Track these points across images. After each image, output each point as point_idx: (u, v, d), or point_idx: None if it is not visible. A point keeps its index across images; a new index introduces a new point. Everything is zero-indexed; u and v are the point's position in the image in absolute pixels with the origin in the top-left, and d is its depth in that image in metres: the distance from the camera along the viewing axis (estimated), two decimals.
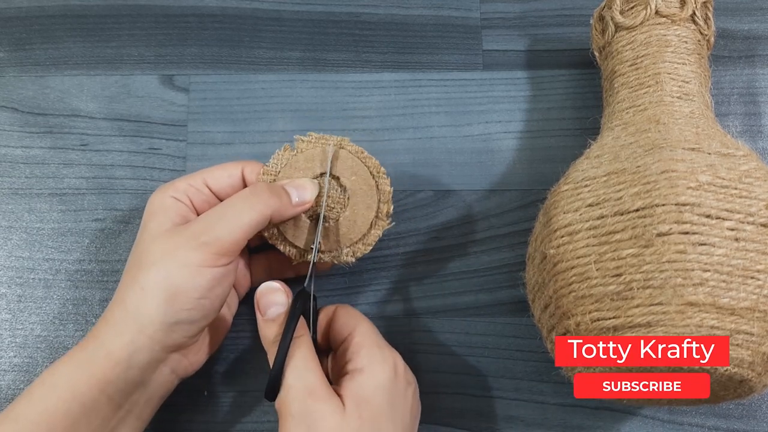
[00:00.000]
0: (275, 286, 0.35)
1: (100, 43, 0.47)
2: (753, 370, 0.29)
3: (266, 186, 0.35)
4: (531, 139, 0.44)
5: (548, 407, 0.40)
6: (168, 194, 0.35)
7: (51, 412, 0.31)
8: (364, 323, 0.36)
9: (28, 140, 0.45)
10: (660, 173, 0.31)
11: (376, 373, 0.33)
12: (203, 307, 0.33)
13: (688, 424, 0.40)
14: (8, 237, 0.43)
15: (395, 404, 0.33)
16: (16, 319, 0.42)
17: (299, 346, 0.33)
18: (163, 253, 0.33)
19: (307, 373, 0.33)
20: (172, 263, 0.32)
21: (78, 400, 0.31)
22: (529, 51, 0.46)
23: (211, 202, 0.37)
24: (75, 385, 0.32)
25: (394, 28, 0.47)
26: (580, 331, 0.31)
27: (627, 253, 0.30)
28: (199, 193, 0.36)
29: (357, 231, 0.37)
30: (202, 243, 0.32)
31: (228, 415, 0.40)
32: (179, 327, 0.33)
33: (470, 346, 0.41)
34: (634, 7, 0.39)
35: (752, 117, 0.45)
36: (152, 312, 0.32)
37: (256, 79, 0.46)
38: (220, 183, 0.37)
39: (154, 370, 0.34)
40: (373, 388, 0.33)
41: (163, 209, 0.35)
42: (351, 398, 0.32)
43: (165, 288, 0.32)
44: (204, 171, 0.37)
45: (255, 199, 0.34)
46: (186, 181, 0.36)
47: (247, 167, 0.37)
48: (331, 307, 0.37)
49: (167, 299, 0.32)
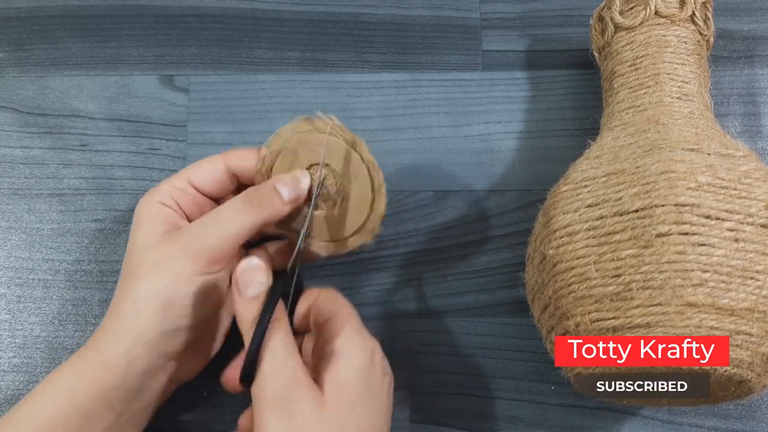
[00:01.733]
0: (256, 264, 0.33)
1: (99, 44, 0.47)
2: (752, 371, 0.29)
3: (256, 191, 0.35)
4: (531, 139, 0.44)
5: (548, 407, 0.40)
6: (154, 200, 0.35)
7: (51, 420, 0.31)
8: (346, 308, 0.35)
9: (28, 140, 0.45)
10: (659, 174, 0.31)
11: (354, 357, 0.32)
12: (197, 313, 0.33)
13: (687, 424, 0.40)
14: (8, 237, 0.43)
15: (372, 390, 0.33)
16: (15, 319, 0.42)
17: (277, 329, 0.32)
18: (153, 264, 0.33)
19: (287, 359, 0.31)
20: (164, 274, 0.32)
21: (78, 408, 0.31)
22: (529, 51, 0.46)
23: (198, 201, 0.36)
24: (74, 394, 0.32)
25: (394, 28, 0.47)
26: (579, 331, 0.31)
27: (626, 254, 0.30)
28: (184, 194, 0.36)
29: (338, 233, 0.37)
30: (193, 253, 0.32)
31: (228, 415, 0.40)
32: (175, 334, 0.33)
33: (470, 347, 0.41)
34: (633, 7, 0.39)
35: (752, 117, 0.45)
36: (147, 322, 0.32)
37: (256, 80, 0.46)
38: (204, 179, 0.36)
39: (152, 378, 0.34)
40: (352, 372, 0.32)
41: (150, 216, 0.35)
42: (330, 383, 0.31)
43: (159, 297, 0.32)
44: (187, 169, 0.37)
45: (246, 206, 0.34)
46: (170, 184, 0.36)
47: (231, 156, 0.37)
48: (315, 290, 0.37)
49: (161, 309, 0.32)
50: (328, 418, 0.31)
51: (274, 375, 0.31)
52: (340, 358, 0.32)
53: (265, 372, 0.31)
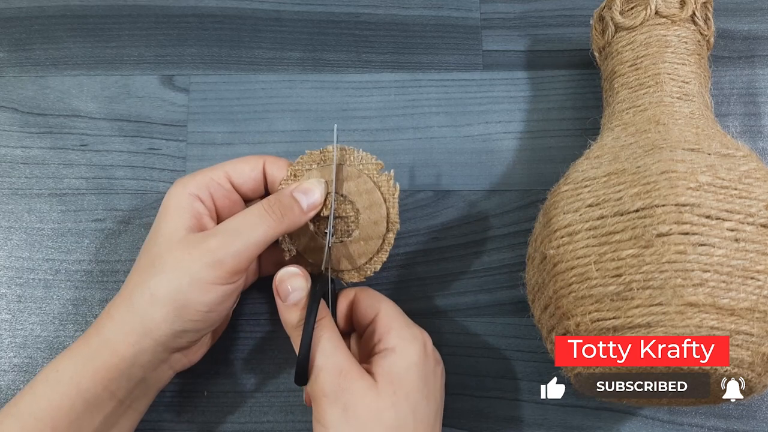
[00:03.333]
0: (294, 271, 0.35)
1: (100, 44, 0.47)
2: (753, 371, 0.29)
3: (277, 200, 0.34)
4: (531, 139, 0.44)
5: (548, 407, 0.40)
6: (187, 191, 0.35)
7: (55, 408, 0.31)
8: (388, 304, 0.36)
9: (28, 140, 0.45)
10: (660, 174, 0.31)
11: (407, 352, 0.33)
12: (210, 319, 0.34)
13: (688, 424, 0.40)
14: (8, 237, 0.43)
15: (427, 382, 0.34)
16: (16, 319, 0.42)
17: (323, 327, 0.33)
18: (176, 263, 0.32)
19: (336, 353, 0.32)
20: (185, 277, 0.32)
21: (82, 396, 0.32)
22: (529, 51, 0.46)
23: (231, 198, 0.36)
24: (79, 380, 0.32)
25: (394, 28, 0.47)
26: (580, 331, 0.31)
27: (627, 254, 0.30)
28: (220, 188, 0.36)
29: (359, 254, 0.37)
30: (217, 261, 0.32)
31: (228, 415, 0.40)
32: (185, 334, 0.33)
33: (470, 346, 0.41)
34: (634, 7, 0.39)
35: (752, 117, 0.45)
36: (160, 320, 0.32)
37: (256, 80, 0.46)
38: (243, 177, 0.36)
39: (156, 369, 0.34)
40: (405, 366, 0.33)
41: (179, 209, 0.34)
42: (383, 376, 0.32)
43: (175, 299, 0.32)
44: (226, 164, 0.37)
45: (270, 216, 0.34)
46: (208, 175, 0.36)
47: (269, 161, 0.37)
48: (350, 290, 0.37)
49: (176, 310, 0.32)
50: (383, 406, 0.31)
51: (326, 369, 0.32)
52: (392, 353, 0.33)
53: (317, 368, 0.32)
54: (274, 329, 0.41)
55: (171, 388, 0.40)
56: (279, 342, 0.41)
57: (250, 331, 0.41)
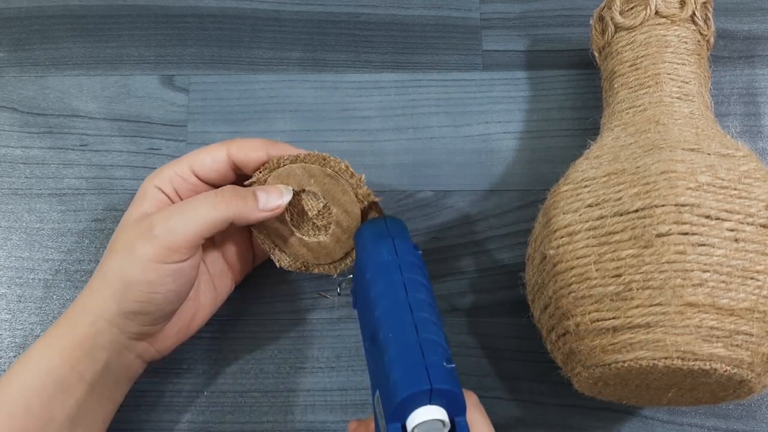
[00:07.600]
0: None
1: (99, 44, 0.47)
2: (752, 371, 0.29)
3: (233, 188, 0.35)
4: (531, 139, 0.44)
5: (548, 407, 0.40)
6: (153, 182, 0.36)
7: (27, 388, 0.32)
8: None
9: (28, 140, 0.45)
10: (660, 174, 0.31)
11: None
12: (155, 301, 0.33)
13: (688, 424, 0.40)
14: (8, 237, 0.43)
15: None
16: (15, 319, 0.42)
17: None
18: (124, 242, 0.33)
19: None
20: (128, 255, 0.33)
21: (51, 376, 0.32)
22: (529, 51, 0.46)
23: (197, 190, 0.36)
24: (48, 360, 0.32)
25: (394, 28, 0.47)
26: (579, 331, 0.31)
27: (626, 254, 0.30)
28: (184, 182, 0.36)
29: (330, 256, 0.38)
30: (154, 236, 0.33)
31: (229, 415, 0.40)
32: (134, 316, 0.33)
33: (470, 346, 0.41)
34: (634, 7, 0.39)
35: (752, 117, 0.45)
36: (109, 299, 0.33)
37: (256, 80, 0.46)
38: (207, 169, 0.36)
39: (119, 354, 0.34)
40: None
41: (143, 197, 0.35)
42: None
43: (121, 279, 0.33)
44: (189, 156, 0.36)
45: (217, 199, 0.34)
46: (172, 169, 0.36)
47: (233, 146, 0.36)
48: None
49: (121, 290, 0.33)
50: None
51: None
52: None
53: None
54: (274, 329, 0.41)
55: (171, 388, 0.40)
56: (279, 342, 0.41)
57: (251, 331, 0.41)
